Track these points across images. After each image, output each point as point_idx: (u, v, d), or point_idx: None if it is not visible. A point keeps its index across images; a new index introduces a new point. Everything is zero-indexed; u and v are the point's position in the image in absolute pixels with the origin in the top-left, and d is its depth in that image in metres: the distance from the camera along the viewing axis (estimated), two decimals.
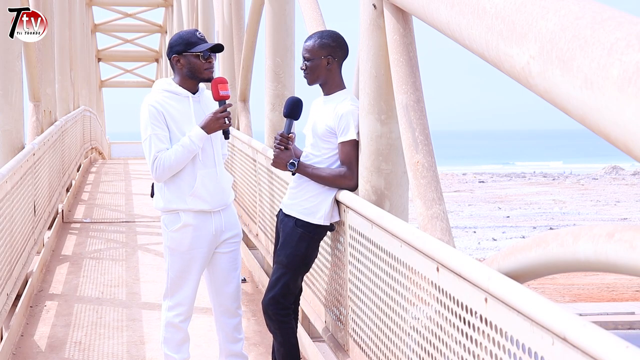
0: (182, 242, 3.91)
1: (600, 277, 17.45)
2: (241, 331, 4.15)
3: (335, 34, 3.84)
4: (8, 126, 6.64)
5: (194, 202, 3.87)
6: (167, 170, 3.82)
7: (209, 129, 3.84)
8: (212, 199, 3.91)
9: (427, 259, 2.62)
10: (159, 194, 3.95)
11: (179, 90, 3.90)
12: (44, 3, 8.93)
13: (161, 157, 3.80)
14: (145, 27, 26.36)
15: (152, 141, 3.82)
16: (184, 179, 3.87)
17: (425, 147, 3.16)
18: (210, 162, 3.93)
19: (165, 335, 4.00)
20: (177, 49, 3.87)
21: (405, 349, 2.90)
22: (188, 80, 3.91)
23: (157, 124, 3.82)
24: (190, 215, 3.89)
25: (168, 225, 3.94)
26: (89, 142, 16.67)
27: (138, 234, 8.88)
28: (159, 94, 3.89)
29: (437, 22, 2.58)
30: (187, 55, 3.85)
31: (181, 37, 3.89)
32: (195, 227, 3.90)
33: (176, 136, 3.85)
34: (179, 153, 3.80)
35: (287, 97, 4.19)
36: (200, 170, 3.88)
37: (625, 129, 1.52)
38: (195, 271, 3.95)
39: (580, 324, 1.63)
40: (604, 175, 44.37)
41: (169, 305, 3.99)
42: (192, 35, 3.88)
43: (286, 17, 6.20)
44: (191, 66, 3.86)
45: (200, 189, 3.87)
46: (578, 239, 1.85)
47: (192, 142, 3.81)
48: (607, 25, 1.63)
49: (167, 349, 4.01)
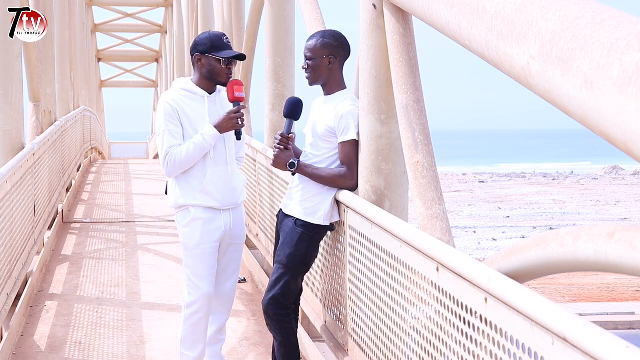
0: (193, 236, 3.98)
1: (600, 277, 17.45)
2: (224, 333, 4.23)
3: (338, 34, 3.84)
4: (8, 126, 6.64)
5: (203, 198, 3.96)
6: (178, 165, 3.91)
7: (221, 128, 3.93)
8: (221, 196, 3.99)
9: (427, 259, 2.62)
10: (170, 191, 4.05)
11: (195, 89, 4.00)
12: (44, 3, 8.93)
13: (173, 152, 3.90)
14: (145, 27, 26.38)
15: (165, 136, 3.92)
16: (195, 175, 3.96)
17: (425, 147, 3.16)
18: (221, 161, 4.01)
19: (183, 333, 4.06)
20: (202, 49, 3.96)
21: (405, 349, 2.90)
22: (205, 80, 4.00)
23: (171, 121, 3.92)
24: (199, 210, 3.97)
25: (180, 221, 4.03)
26: (89, 142, 16.67)
27: (138, 234, 8.87)
28: (176, 92, 4.00)
29: (437, 22, 2.58)
30: (209, 57, 3.94)
31: (209, 37, 3.97)
32: (205, 221, 3.97)
33: (189, 134, 3.94)
34: (191, 150, 3.89)
35: (287, 97, 4.20)
36: (211, 168, 3.97)
37: (625, 129, 1.52)
38: (207, 266, 4.00)
39: (580, 324, 1.63)
40: (604, 175, 44.38)
41: (187, 303, 4.04)
42: (220, 39, 3.96)
43: (286, 17, 6.20)
44: (211, 68, 3.95)
45: (210, 185, 3.96)
46: (578, 239, 1.85)
47: (204, 140, 3.90)
48: (607, 25, 1.63)
49: (183, 347, 4.07)
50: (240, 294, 6.26)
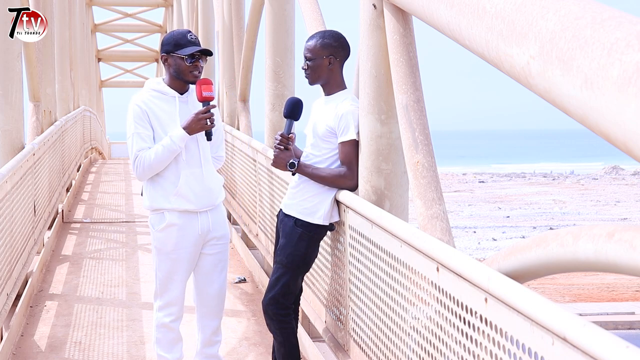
0: (167, 242, 3.92)
1: (600, 277, 17.45)
2: (219, 334, 4.15)
3: (337, 34, 3.84)
4: (8, 126, 6.64)
5: (178, 201, 3.87)
6: (148, 169, 3.83)
7: (190, 129, 3.83)
8: (197, 199, 3.90)
9: (427, 259, 2.62)
10: (145, 193, 3.97)
11: (166, 90, 3.91)
12: (44, 3, 8.93)
13: (142, 155, 3.81)
14: (145, 27, 26.35)
15: (134, 140, 3.83)
16: (168, 178, 3.88)
17: (425, 147, 3.16)
18: (195, 162, 3.91)
19: (157, 335, 4.01)
20: (167, 48, 3.87)
21: (405, 349, 2.90)
22: (175, 80, 3.91)
23: (140, 123, 3.83)
24: (174, 214, 3.89)
25: (154, 225, 3.95)
26: (89, 142, 16.67)
27: (138, 234, 8.88)
28: (146, 93, 3.91)
29: (437, 22, 2.58)
30: (174, 56, 3.85)
31: (172, 36, 3.88)
32: (180, 227, 3.90)
33: (160, 136, 3.85)
34: (159, 152, 3.80)
35: (288, 97, 4.20)
36: (184, 170, 3.88)
37: (625, 129, 1.52)
38: (182, 271, 3.95)
39: (580, 324, 1.63)
40: (604, 175, 44.39)
41: (159, 306, 3.99)
42: (183, 36, 3.86)
43: (286, 17, 6.20)
44: (177, 67, 3.86)
45: (184, 188, 3.87)
46: (578, 239, 1.85)
47: (173, 142, 3.80)
48: (607, 25, 1.63)
49: (159, 349, 4.01)
50: (240, 294, 6.26)
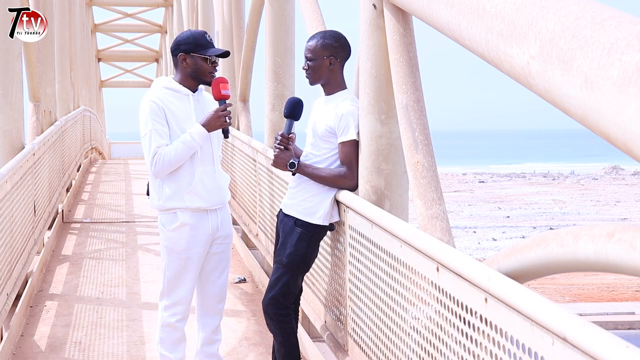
0: (179, 241, 3.91)
1: (600, 277, 17.45)
2: (219, 333, 4.16)
3: (338, 34, 3.84)
4: (8, 126, 6.64)
5: (192, 199, 3.88)
6: (167, 165, 3.83)
7: (209, 126, 3.87)
8: (209, 196, 3.93)
9: (427, 259, 2.62)
10: (155, 192, 3.94)
11: (179, 88, 3.92)
12: (44, 3, 8.93)
13: (161, 152, 3.81)
14: (145, 27, 26.35)
15: (152, 136, 3.82)
16: (183, 176, 3.88)
17: (425, 147, 3.16)
18: (208, 160, 3.95)
19: (161, 335, 4.00)
20: (185, 48, 3.89)
21: (405, 349, 2.90)
22: (190, 79, 3.93)
23: (157, 120, 3.83)
24: (187, 214, 3.89)
25: (165, 224, 3.94)
26: (89, 142, 16.68)
27: (138, 234, 8.88)
28: (159, 90, 3.91)
29: (437, 22, 2.58)
30: (195, 56, 3.88)
31: (193, 36, 3.91)
32: (192, 227, 3.91)
33: (176, 133, 3.86)
34: (179, 149, 3.81)
35: (288, 97, 4.20)
36: (199, 168, 3.90)
37: (625, 129, 1.52)
38: (192, 270, 3.96)
39: (580, 324, 1.63)
40: (604, 175, 44.38)
41: (165, 305, 3.99)
42: (203, 37, 3.91)
43: (286, 17, 6.20)
44: (197, 67, 3.89)
45: (199, 186, 3.89)
46: (578, 239, 1.85)
47: (193, 139, 3.83)
48: (607, 25, 1.63)
49: (162, 348, 4.01)
50: (240, 294, 6.26)
